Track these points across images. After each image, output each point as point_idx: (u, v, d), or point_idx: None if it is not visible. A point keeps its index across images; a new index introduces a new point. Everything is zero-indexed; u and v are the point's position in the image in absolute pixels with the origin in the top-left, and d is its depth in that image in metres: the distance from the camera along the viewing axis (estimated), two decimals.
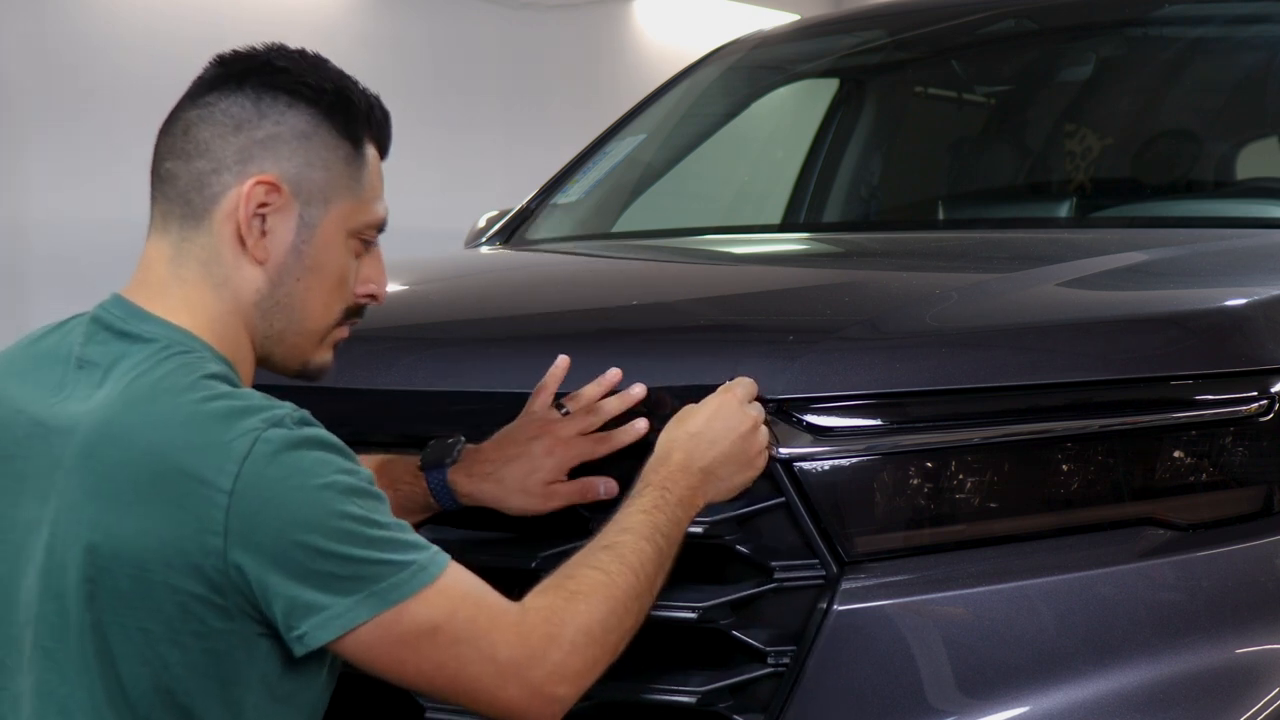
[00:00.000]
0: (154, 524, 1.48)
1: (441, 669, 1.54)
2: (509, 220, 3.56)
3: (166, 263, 1.65)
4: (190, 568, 1.48)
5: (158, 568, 1.49)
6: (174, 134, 1.66)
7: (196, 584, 1.49)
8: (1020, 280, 2.16)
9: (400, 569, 1.51)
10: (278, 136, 1.63)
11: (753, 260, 2.91)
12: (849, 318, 1.97)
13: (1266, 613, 1.82)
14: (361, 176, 1.69)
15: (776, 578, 1.77)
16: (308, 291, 1.67)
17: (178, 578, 1.49)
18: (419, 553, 1.54)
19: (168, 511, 1.48)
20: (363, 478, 1.55)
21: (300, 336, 1.69)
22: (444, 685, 1.55)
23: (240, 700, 1.54)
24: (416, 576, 1.52)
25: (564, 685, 1.57)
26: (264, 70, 1.66)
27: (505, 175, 7.89)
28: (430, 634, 1.52)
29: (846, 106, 3.86)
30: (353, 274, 1.71)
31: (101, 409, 1.54)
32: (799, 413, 1.78)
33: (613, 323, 2.18)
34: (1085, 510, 1.82)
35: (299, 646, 1.51)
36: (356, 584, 1.49)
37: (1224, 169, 3.16)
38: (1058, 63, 3.54)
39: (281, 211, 1.64)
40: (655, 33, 9.21)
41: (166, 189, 1.65)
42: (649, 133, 3.66)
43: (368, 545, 1.50)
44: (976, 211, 3.33)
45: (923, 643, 1.74)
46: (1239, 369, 1.86)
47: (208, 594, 1.49)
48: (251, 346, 1.67)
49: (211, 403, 1.52)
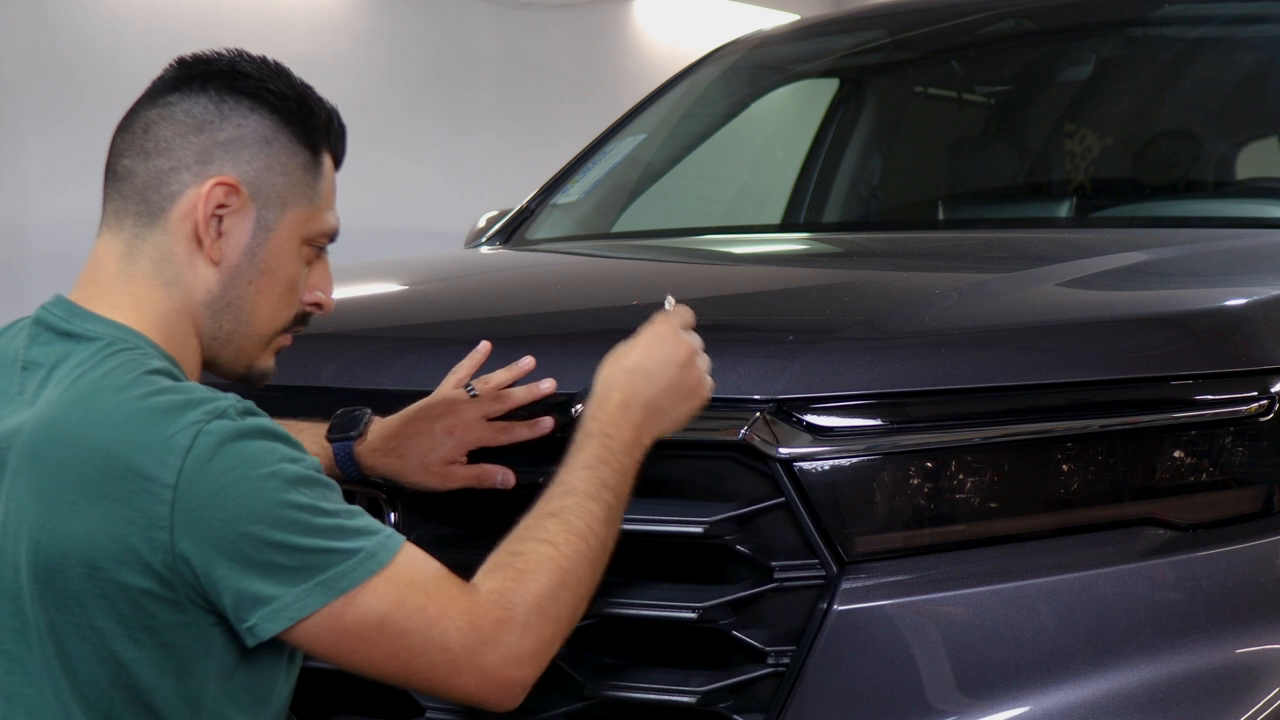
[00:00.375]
0: (101, 522, 1.49)
1: (393, 658, 1.54)
2: (509, 220, 3.56)
3: (117, 259, 1.65)
4: (139, 563, 1.49)
5: (107, 565, 1.49)
6: (133, 131, 1.66)
7: (146, 579, 1.49)
8: (1020, 280, 2.16)
9: (348, 556, 1.51)
10: (239, 139, 1.64)
11: (753, 260, 2.91)
12: (849, 318, 1.97)
13: (1266, 613, 1.82)
14: (318, 185, 1.70)
15: (776, 578, 1.77)
16: (259, 295, 1.68)
17: (127, 574, 1.49)
18: (367, 539, 1.53)
19: (114, 508, 1.49)
20: (308, 465, 1.55)
21: (247, 340, 1.70)
22: (397, 674, 1.56)
23: (198, 693, 1.55)
24: (364, 564, 1.51)
25: (520, 667, 1.57)
26: (228, 74, 1.66)
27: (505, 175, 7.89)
28: (379, 625, 1.52)
29: (846, 106, 3.86)
30: (302, 280, 1.72)
31: (45, 409, 1.54)
32: (799, 413, 1.78)
33: (612, 323, 2.17)
34: (1085, 510, 1.82)
35: (250, 638, 1.52)
36: (303, 574, 1.50)
37: (1224, 169, 3.16)
38: (1057, 63, 3.54)
39: (239, 214, 1.64)
40: (655, 33, 9.21)
41: (122, 186, 1.66)
42: (649, 133, 3.66)
43: (314, 534, 1.50)
44: (976, 211, 3.33)
45: (923, 643, 1.74)
46: (1239, 369, 1.86)
47: (157, 589, 1.50)
48: (199, 347, 1.68)
49: (153, 398, 1.52)
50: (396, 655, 1.53)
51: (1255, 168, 3.17)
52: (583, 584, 1.62)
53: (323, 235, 1.72)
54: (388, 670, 1.55)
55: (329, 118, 1.72)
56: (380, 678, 1.57)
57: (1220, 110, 3.30)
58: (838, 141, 3.80)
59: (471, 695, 1.57)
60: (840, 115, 3.85)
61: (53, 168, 6.54)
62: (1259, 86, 3.27)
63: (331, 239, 1.74)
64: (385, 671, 1.55)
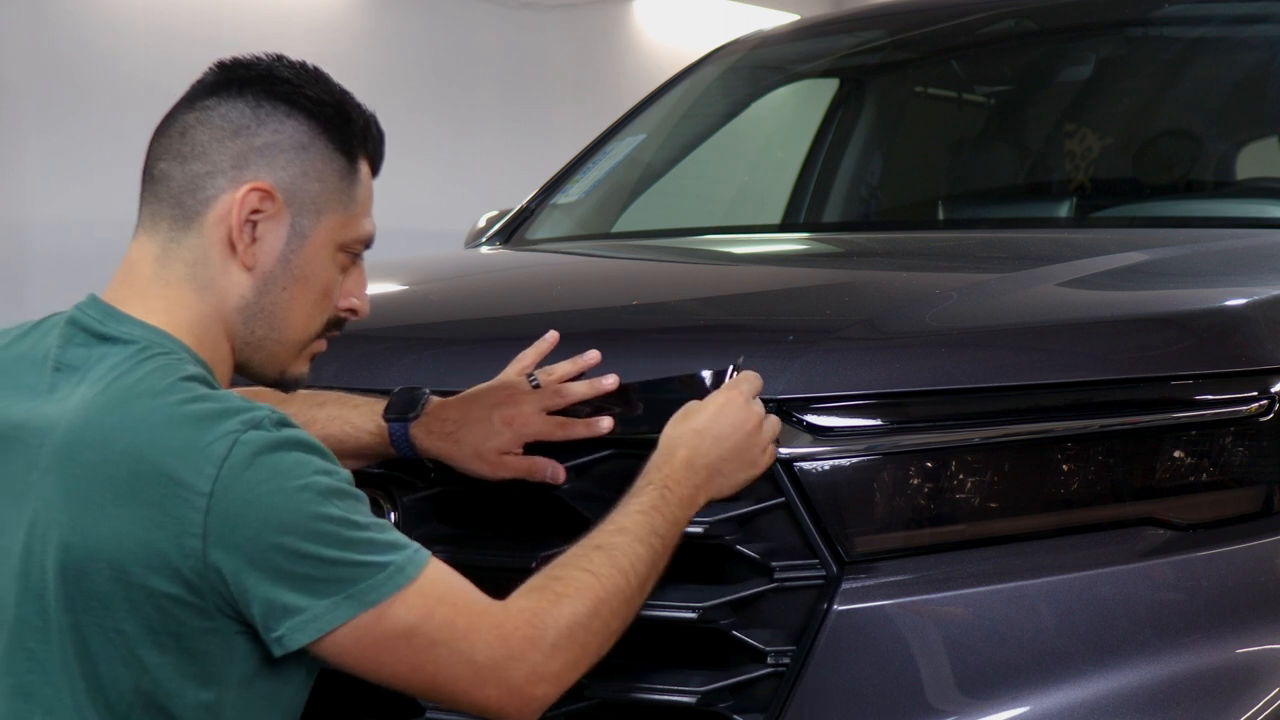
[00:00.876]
0: (131, 526, 1.48)
1: (419, 670, 1.54)
2: (509, 220, 3.56)
3: (152, 262, 1.65)
4: (168, 569, 1.49)
5: (135, 569, 1.49)
6: (170, 135, 1.65)
7: (174, 585, 1.49)
8: (1020, 280, 2.16)
9: (378, 570, 1.51)
10: (275, 145, 1.64)
11: (753, 260, 2.91)
12: (849, 318, 1.97)
13: (1266, 613, 1.82)
14: (354, 191, 1.69)
15: (777, 578, 1.77)
16: (292, 301, 1.67)
17: (155, 579, 1.49)
18: (397, 553, 1.54)
19: (145, 513, 1.48)
20: (341, 478, 1.55)
21: (280, 345, 1.69)
22: (421, 686, 1.56)
23: (219, 700, 1.54)
24: (394, 578, 1.52)
25: (543, 685, 1.57)
26: (265, 79, 1.66)
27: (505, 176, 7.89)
28: (407, 636, 1.52)
29: (846, 106, 3.86)
30: (337, 287, 1.71)
31: (79, 411, 1.54)
32: (799, 413, 1.78)
33: (612, 323, 2.18)
34: (1085, 510, 1.82)
35: (278, 648, 1.52)
36: (334, 586, 1.50)
37: (1224, 169, 3.16)
38: (1057, 63, 3.54)
39: (274, 219, 1.64)
40: (655, 33, 9.21)
41: (159, 189, 1.65)
42: (649, 133, 3.66)
43: (345, 547, 1.51)
44: (976, 211, 3.33)
45: (923, 643, 1.74)
46: (1239, 369, 1.86)
47: (186, 595, 1.50)
48: (230, 351, 1.67)
49: (190, 405, 1.51)
50: (422, 667, 1.54)
51: (1255, 168, 3.17)
52: (616, 618, 1.63)
53: (358, 242, 1.71)
54: (413, 682, 1.55)
55: (367, 124, 1.71)
56: (404, 689, 1.58)
57: (1220, 110, 3.30)
58: (838, 141, 3.80)
59: (492, 708, 1.57)
60: (840, 115, 3.85)
61: (53, 168, 6.54)
62: (1259, 86, 3.27)
63: (368, 245, 1.73)
64: (410, 683, 1.56)
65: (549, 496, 1.86)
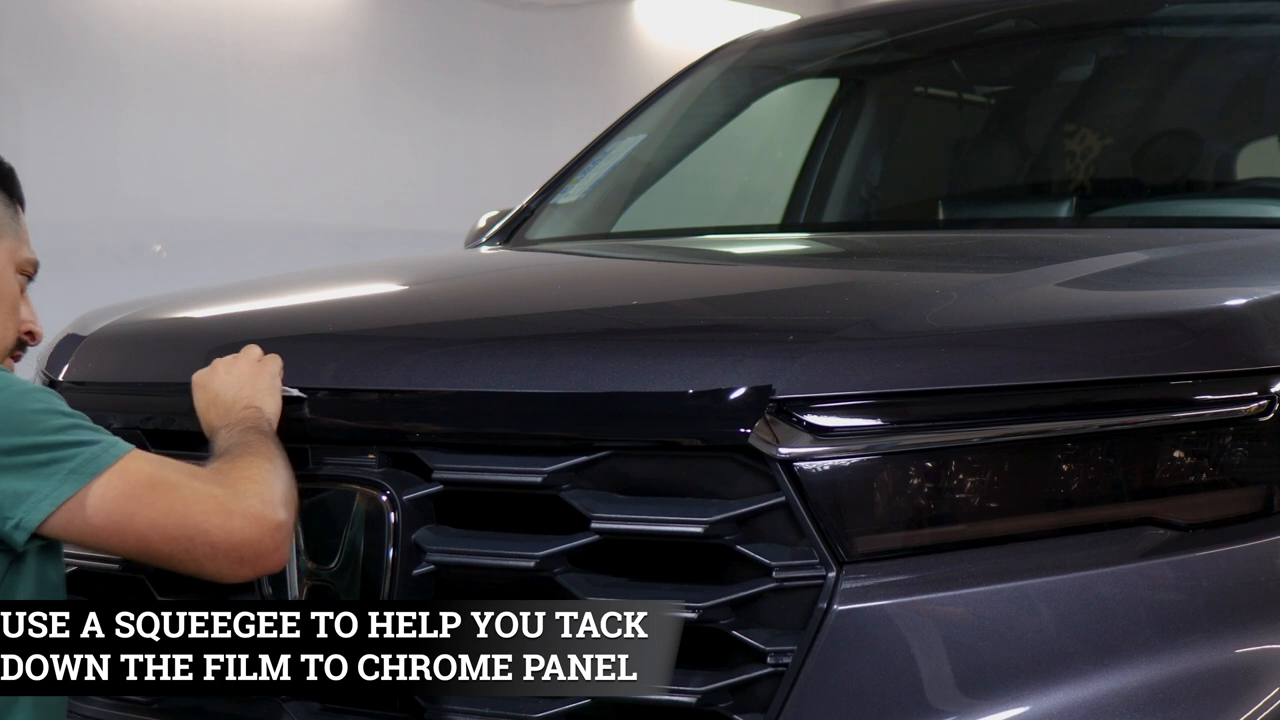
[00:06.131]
0: None
1: (170, 513, 1.74)
2: (509, 220, 3.56)
3: None
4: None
5: None
6: None
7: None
8: (1020, 280, 2.16)
9: (92, 445, 1.78)
10: None
11: (753, 260, 2.91)
12: (849, 318, 1.97)
13: (1266, 613, 1.82)
14: (20, 221, 2.10)
15: (776, 578, 1.77)
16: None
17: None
18: (105, 435, 1.81)
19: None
20: (43, 390, 1.82)
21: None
22: (178, 529, 1.74)
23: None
24: (110, 450, 1.79)
25: (280, 509, 1.80)
26: None
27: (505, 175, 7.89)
28: (150, 484, 1.77)
29: (846, 106, 3.86)
30: (21, 306, 2.05)
31: None
32: (799, 413, 1.78)
33: (612, 323, 2.18)
34: (1085, 510, 1.81)
35: (19, 534, 1.72)
36: (56, 466, 1.75)
37: (1224, 169, 3.16)
38: (1058, 63, 3.54)
39: None
40: (655, 33, 9.21)
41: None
42: (649, 133, 3.66)
43: (57, 431, 1.77)
44: (976, 211, 3.33)
45: (922, 642, 1.74)
46: (1239, 369, 1.86)
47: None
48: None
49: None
50: (173, 508, 1.74)
51: (1255, 168, 3.17)
52: (284, 461, 1.90)
53: (29, 263, 2.07)
54: (168, 527, 1.74)
55: (10, 170, 2.11)
56: (159, 542, 1.75)
57: (1220, 110, 3.30)
58: (838, 141, 3.80)
59: (249, 538, 1.76)
60: (840, 115, 3.85)
61: (52, 168, 6.54)
62: (1259, 86, 3.26)
63: (35, 270, 2.08)
64: (165, 529, 1.74)
65: (549, 496, 1.86)
